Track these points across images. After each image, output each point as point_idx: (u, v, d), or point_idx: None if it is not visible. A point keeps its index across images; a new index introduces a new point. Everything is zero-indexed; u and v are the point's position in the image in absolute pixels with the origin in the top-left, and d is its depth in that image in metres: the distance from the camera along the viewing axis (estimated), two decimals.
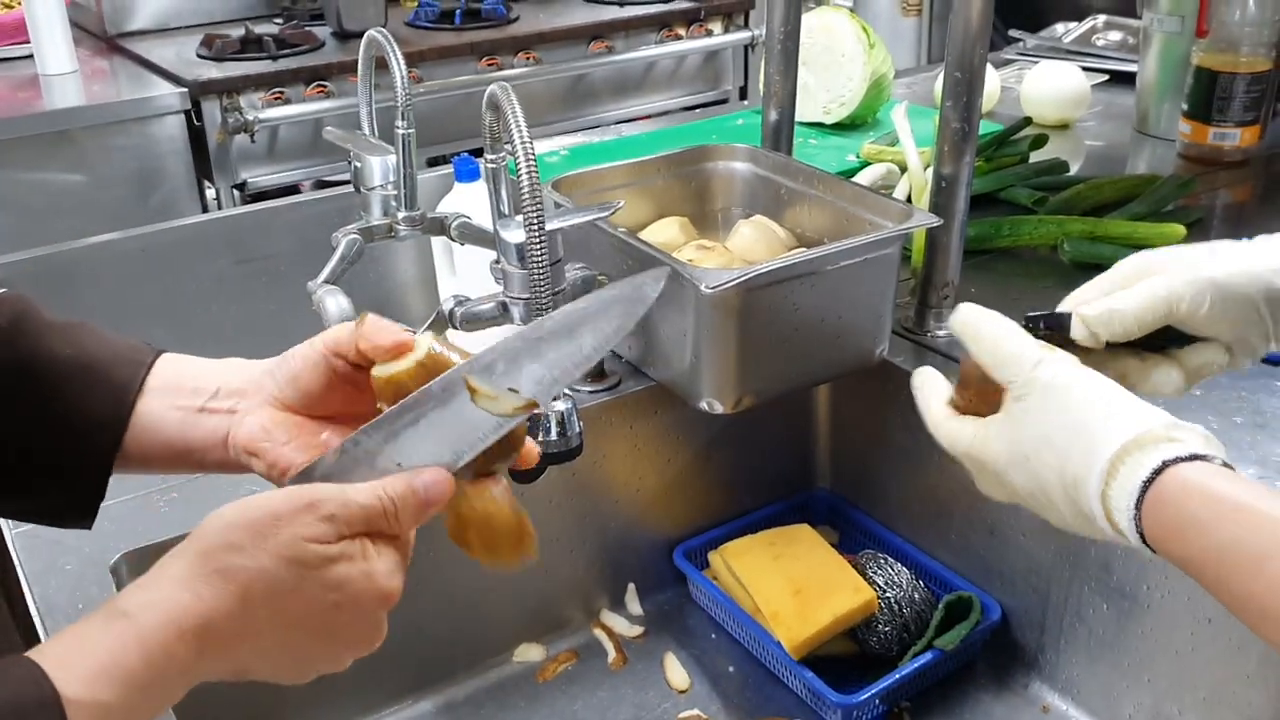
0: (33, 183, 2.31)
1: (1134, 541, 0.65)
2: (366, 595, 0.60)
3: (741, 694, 1.15)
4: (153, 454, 0.71)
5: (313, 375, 0.68)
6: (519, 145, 0.85)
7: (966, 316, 0.76)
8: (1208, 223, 1.58)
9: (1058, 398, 0.70)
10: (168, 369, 0.73)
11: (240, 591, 0.57)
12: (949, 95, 1.16)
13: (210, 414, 0.70)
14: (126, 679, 0.53)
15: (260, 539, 0.58)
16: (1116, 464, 0.65)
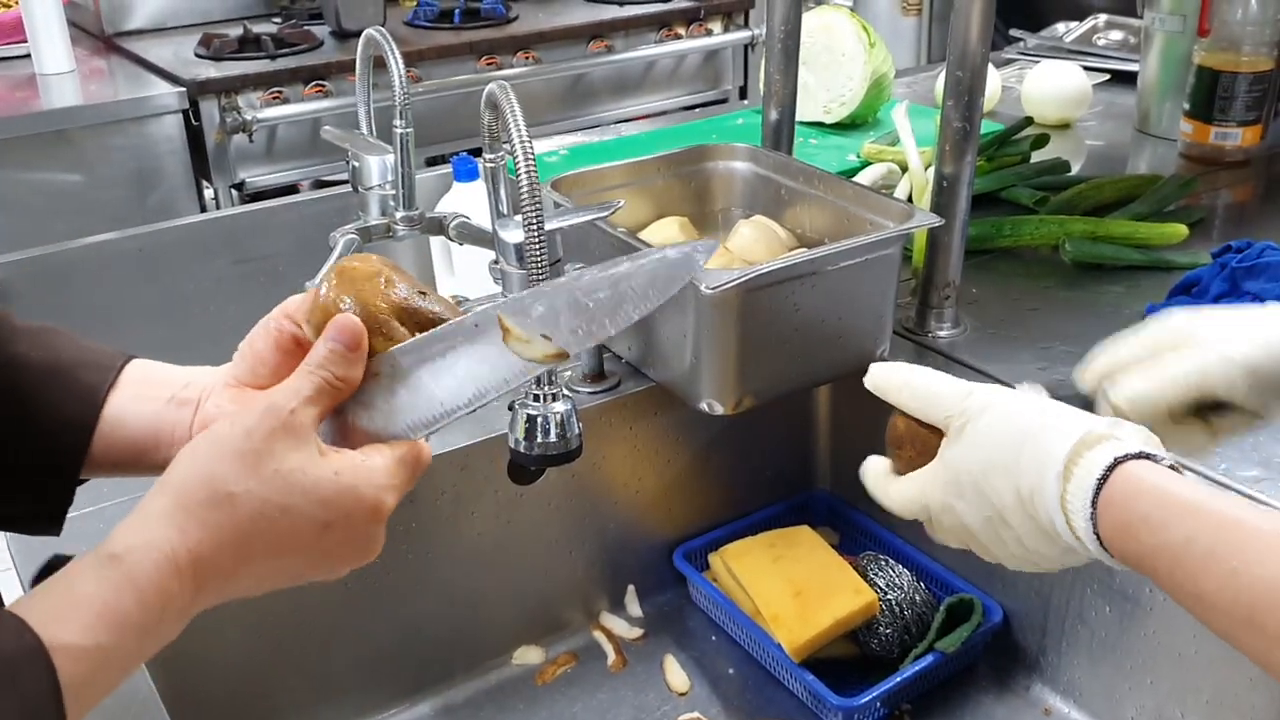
0: (30, 183, 2.30)
1: (1091, 546, 0.66)
2: (357, 511, 0.60)
3: (741, 696, 1.14)
4: (123, 456, 0.70)
5: (264, 342, 0.68)
6: (518, 144, 0.84)
7: (877, 375, 0.79)
8: (1209, 223, 1.57)
9: (995, 419, 0.71)
10: (137, 371, 0.72)
11: (230, 521, 0.56)
12: (950, 94, 1.15)
13: (180, 405, 0.70)
14: (122, 623, 0.53)
15: (242, 464, 0.57)
16: (1071, 464, 0.66)
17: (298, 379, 0.61)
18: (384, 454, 0.62)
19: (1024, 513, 0.68)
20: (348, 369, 0.62)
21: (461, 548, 1.13)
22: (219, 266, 1.67)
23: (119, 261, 1.62)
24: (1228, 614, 0.60)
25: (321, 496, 0.59)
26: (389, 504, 0.61)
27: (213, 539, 0.56)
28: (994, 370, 1.17)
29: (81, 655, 0.51)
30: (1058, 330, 1.25)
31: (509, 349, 0.62)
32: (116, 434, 0.70)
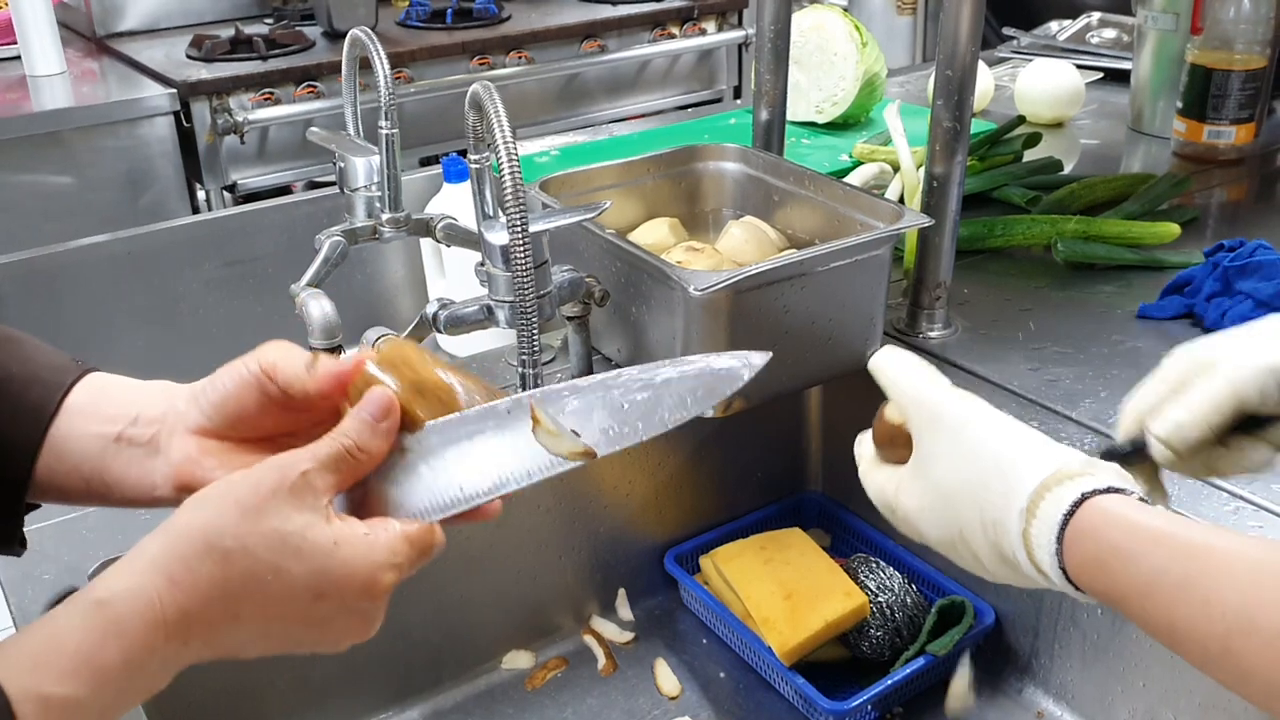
0: (21, 185, 2.30)
1: (1056, 580, 0.65)
2: (350, 585, 0.58)
3: (733, 700, 1.13)
4: (69, 485, 0.67)
5: (244, 397, 0.65)
6: (501, 145, 0.84)
7: (879, 361, 0.77)
8: (1202, 222, 1.57)
9: (967, 442, 0.70)
10: (88, 391, 0.68)
11: (220, 575, 0.55)
12: (940, 94, 1.15)
13: (130, 444, 0.66)
14: (103, 673, 0.52)
15: (243, 517, 0.56)
16: (1036, 501, 0.64)
17: (321, 443, 0.59)
18: (390, 530, 0.59)
19: (986, 540, 0.67)
20: (372, 440, 0.60)
21: (450, 551, 1.11)
22: (209, 268, 1.67)
23: (109, 264, 1.61)
24: (1201, 644, 0.59)
25: (316, 564, 0.57)
26: (385, 582, 0.59)
27: (202, 591, 0.54)
28: (986, 371, 1.16)
29: (55, 705, 0.50)
30: (1050, 331, 1.25)
31: (537, 440, 0.61)
32: (62, 465, 0.67)
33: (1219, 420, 0.73)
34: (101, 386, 0.69)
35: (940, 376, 0.75)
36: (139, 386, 0.70)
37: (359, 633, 0.61)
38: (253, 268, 1.69)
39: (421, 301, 1.75)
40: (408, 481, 0.61)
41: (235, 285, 1.68)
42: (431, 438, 0.62)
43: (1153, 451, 0.74)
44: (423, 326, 1.05)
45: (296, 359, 0.64)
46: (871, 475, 0.78)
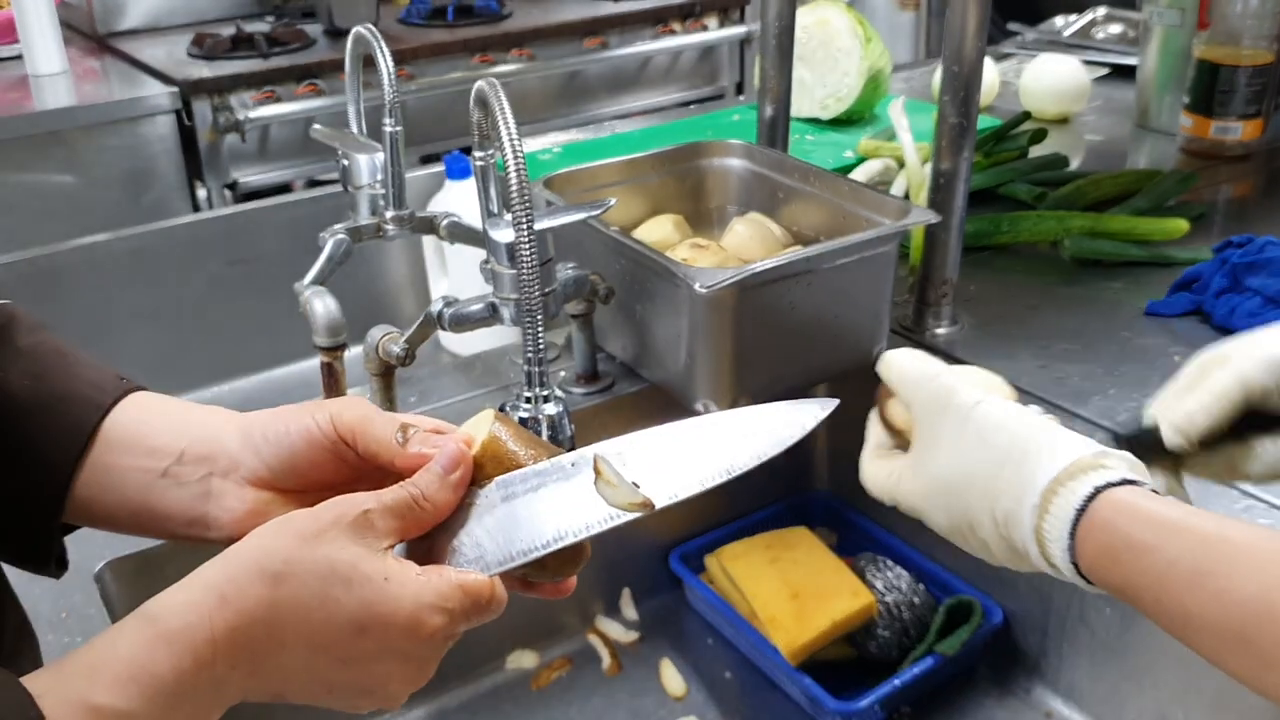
0: (24, 184, 2.29)
1: (1067, 573, 0.64)
2: (395, 621, 0.56)
3: (739, 700, 1.13)
4: (116, 514, 0.65)
5: (315, 458, 0.63)
6: (506, 142, 0.83)
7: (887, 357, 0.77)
8: (1210, 218, 1.56)
9: (976, 431, 0.69)
10: (131, 416, 0.66)
11: (268, 597, 0.54)
12: (947, 90, 1.14)
13: (177, 483, 0.64)
14: (153, 684, 0.51)
15: (298, 543, 0.55)
16: (1049, 497, 0.64)
17: (387, 489, 0.59)
18: (444, 576, 0.58)
19: (996, 532, 0.67)
20: (439, 493, 0.59)
21: None
22: (212, 267, 1.66)
23: (112, 262, 1.60)
24: (1216, 634, 0.59)
25: (363, 596, 0.55)
26: (432, 624, 0.56)
27: (249, 612, 0.54)
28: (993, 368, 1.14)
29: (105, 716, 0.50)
30: (1057, 327, 1.24)
31: (597, 491, 0.60)
32: (107, 496, 0.65)
33: (1227, 408, 0.72)
34: (144, 412, 0.67)
35: (946, 366, 0.74)
36: (183, 414, 0.67)
37: (405, 679, 0.58)
38: (255, 266, 1.68)
39: (423, 299, 1.74)
40: (469, 534, 0.61)
41: (238, 284, 1.67)
42: (496, 492, 0.61)
43: (1165, 439, 0.74)
44: (427, 325, 1.04)
45: (379, 425, 0.62)
46: (870, 467, 0.77)
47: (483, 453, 0.62)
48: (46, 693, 0.49)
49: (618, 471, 0.61)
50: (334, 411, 0.63)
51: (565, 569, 0.62)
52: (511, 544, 0.60)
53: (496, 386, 1.21)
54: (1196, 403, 0.73)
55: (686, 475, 0.61)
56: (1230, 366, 0.73)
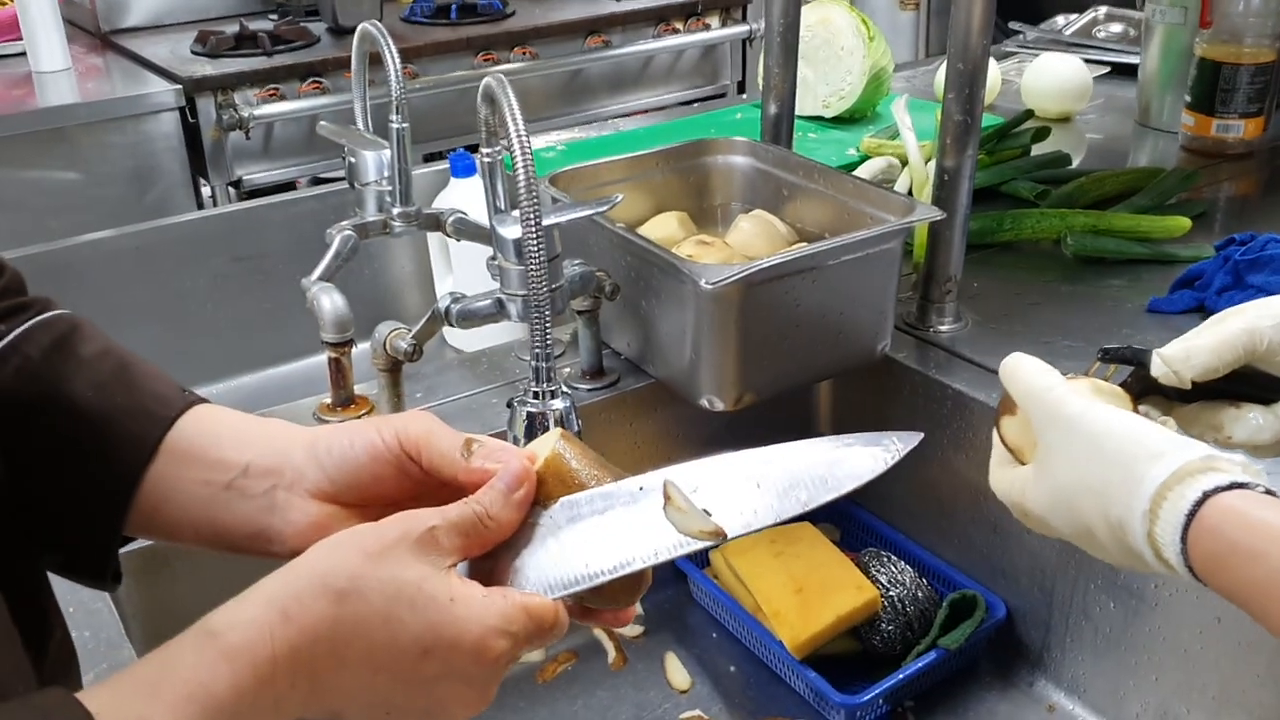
0: (27, 181, 2.29)
1: (1185, 577, 0.64)
2: (461, 644, 0.55)
3: (743, 694, 1.13)
4: (177, 528, 0.65)
5: (380, 472, 0.63)
6: (515, 139, 0.83)
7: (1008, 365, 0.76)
8: (1212, 216, 1.56)
9: (1086, 438, 0.69)
10: (195, 429, 0.65)
11: (331, 615, 0.53)
12: (951, 88, 1.15)
13: (241, 496, 0.64)
14: (212, 704, 0.50)
15: (363, 561, 0.54)
16: (1158, 502, 0.64)
17: (451, 505, 0.58)
18: (509, 598, 0.57)
19: (1114, 537, 0.67)
20: (504, 510, 0.59)
21: None
22: (216, 264, 1.66)
23: (116, 259, 1.61)
24: None
25: (428, 617, 0.55)
26: (497, 649, 0.56)
27: (312, 629, 0.53)
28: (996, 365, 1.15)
29: None
30: (1060, 324, 1.25)
31: (667, 518, 0.59)
32: (169, 509, 0.65)
33: (1228, 354, 0.73)
34: (209, 425, 0.66)
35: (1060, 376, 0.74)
36: (248, 428, 0.67)
37: (466, 701, 0.58)
38: (260, 263, 1.68)
39: (429, 296, 1.75)
40: (532, 555, 0.60)
41: (242, 281, 1.67)
42: (561, 513, 0.60)
43: (1154, 370, 0.75)
44: (434, 320, 1.04)
45: (444, 440, 0.62)
46: (997, 475, 0.77)
47: (545, 469, 0.61)
48: (103, 710, 0.49)
49: (688, 498, 0.59)
50: (399, 426, 0.63)
51: (627, 596, 0.61)
52: (575, 567, 0.59)
53: (503, 382, 1.21)
54: (1200, 342, 0.74)
55: (760, 505, 0.60)
56: (1242, 316, 0.74)
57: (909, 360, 1.19)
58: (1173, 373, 0.74)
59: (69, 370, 0.65)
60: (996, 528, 1.13)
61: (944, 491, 1.18)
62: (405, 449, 0.62)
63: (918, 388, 1.18)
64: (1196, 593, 0.98)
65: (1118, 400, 0.74)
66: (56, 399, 0.64)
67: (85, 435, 0.63)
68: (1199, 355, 0.74)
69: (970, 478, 1.15)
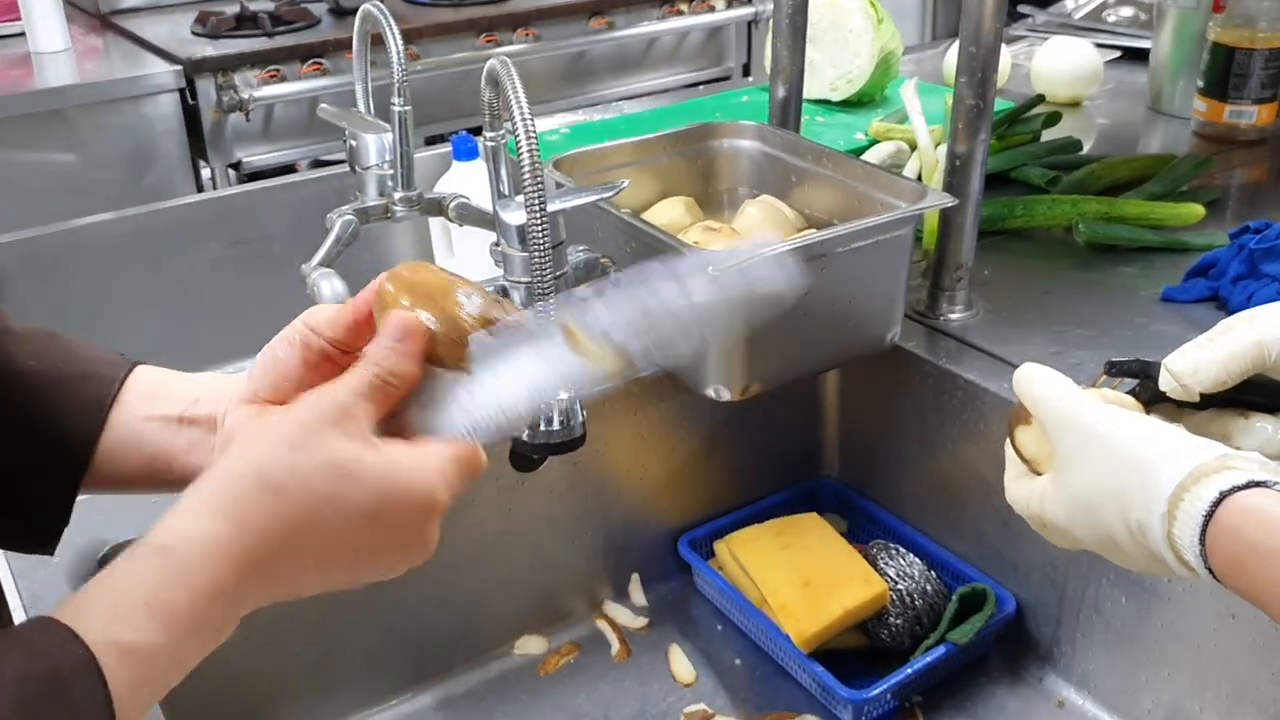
0: (25, 162, 2.27)
1: (1207, 580, 0.63)
2: (407, 505, 0.57)
3: (749, 688, 1.12)
4: (129, 470, 0.67)
5: (291, 358, 0.64)
6: (519, 122, 0.81)
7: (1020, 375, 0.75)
8: (1224, 203, 1.54)
9: (1102, 443, 0.68)
10: (143, 381, 0.69)
11: (277, 510, 0.54)
12: (963, 71, 1.12)
13: (190, 424, 0.66)
14: (173, 618, 0.52)
15: (292, 453, 0.55)
16: (1175, 503, 0.62)
17: (351, 374, 0.59)
18: (439, 449, 0.59)
19: (1135, 542, 0.66)
20: (400, 364, 0.59)
21: (463, 536, 1.11)
22: (215, 247, 1.65)
23: (115, 243, 1.59)
24: None
25: (371, 487, 0.56)
26: (441, 500, 0.58)
27: (260, 528, 0.54)
28: (1008, 354, 1.14)
29: (133, 654, 0.50)
30: (1072, 312, 1.23)
31: (571, 352, 0.59)
32: (122, 452, 0.67)
33: (1237, 366, 0.72)
34: (155, 376, 0.69)
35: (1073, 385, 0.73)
36: (195, 376, 0.70)
37: (418, 554, 0.60)
38: (259, 247, 1.67)
39: None
40: (444, 405, 0.61)
41: (242, 264, 1.66)
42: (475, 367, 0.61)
43: (1161, 383, 0.74)
44: None
45: (339, 309, 0.65)
46: (1014, 488, 0.76)
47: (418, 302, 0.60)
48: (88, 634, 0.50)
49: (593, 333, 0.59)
50: (304, 315, 0.65)
51: None
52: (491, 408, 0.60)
53: None
54: (1208, 355, 0.73)
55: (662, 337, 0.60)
56: (1253, 325, 0.72)
57: (919, 349, 1.17)
58: (1180, 387, 0.73)
59: (6, 344, 0.67)
60: (1007, 521, 1.11)
61: (954, 483, 1.17)
62: (308, 325, 0.64)
63: (928, 377, 1.16)
64: (1210, 588, 0.95)
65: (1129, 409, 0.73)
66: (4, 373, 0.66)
67: (35, 403, 0.66)
68: (1207, 369, 0.73)
69: (981, 469, 1.13)
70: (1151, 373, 0.75)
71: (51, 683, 0.48)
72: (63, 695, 0.48)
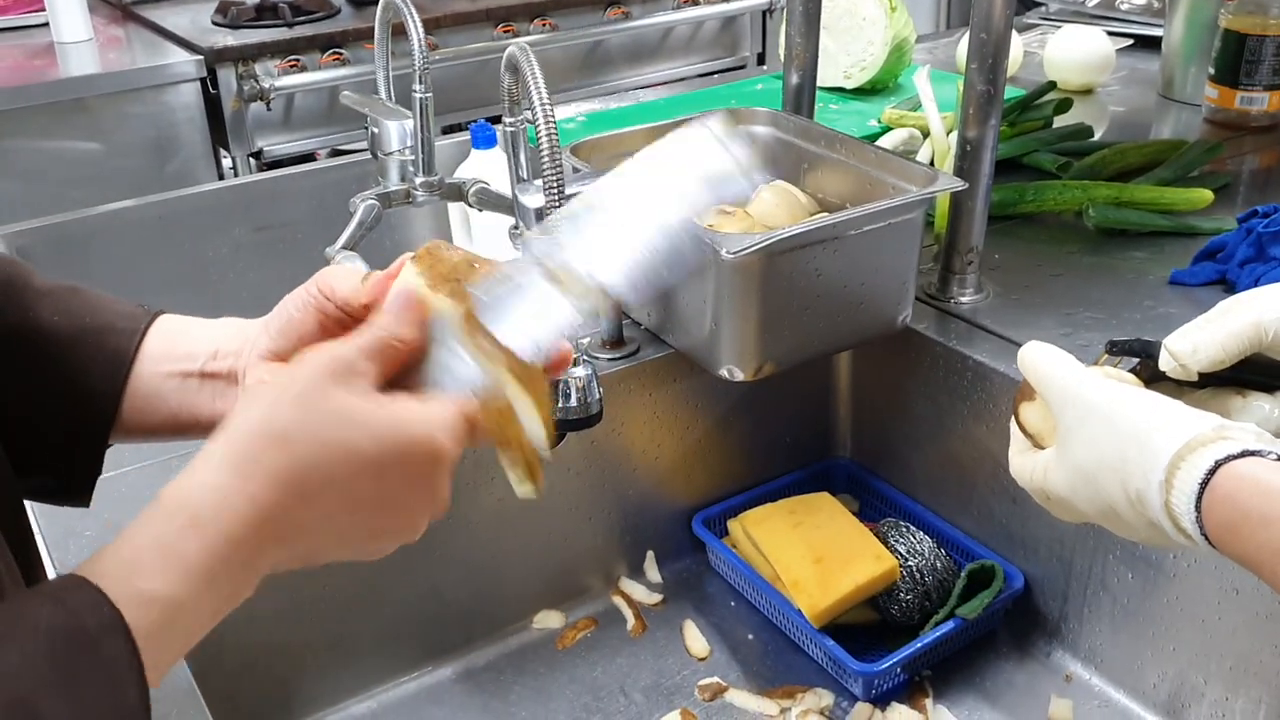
0: (48, 151, 2.30)
1: (1204, 547, 0.64)
2: (415, 452, 0.57)
3: (761, 662, 1.14)
4: (154, 423, 0.69)
5: (307, 320, 0.66)
6: (538, 108, 0.84)
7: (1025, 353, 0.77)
8: (1234, 188, 1.56)
9: (1103, 416, 0.70)
10: (163, 333, 0.70)
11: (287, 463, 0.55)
12: (974, 58, 1.14)
13: (210, 379, 0.68)
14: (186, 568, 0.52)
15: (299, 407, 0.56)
16: (1172, 471, 0.64)
17: (358, 334, 0.60)
18: (443, 401, 0.60)
19: (1135, 512, 0.68)
20: (404, 329, 0.61)
21: (481, 513, 1.14)
22: (239, 234, 1.67)
23: (139, 229, 1.62)
24: None
25: (378, 434, 0.56)
26: (448, 449, 0.58)
27: (272, 481, 0.54)
28: (1018, 336, 1.16)
29: (154, 604, 0.51)
30: (1082, 296, 1.24)
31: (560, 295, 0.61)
32: (148, 406, 0.69)
33: (1235, 346, 0.74)
34: (175, 328, 0.71)
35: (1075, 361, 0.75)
36: (212, 324, 0.71)
37: (430, 507, 0.60)
38: (281, 233, 1.69)
39: None
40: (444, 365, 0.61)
41: (264, 250, 1.68)
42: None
43: (1161, 363, 0.76)
44: None
45: (354, 277, 0.66)
46: (1017, 462, 0.78)
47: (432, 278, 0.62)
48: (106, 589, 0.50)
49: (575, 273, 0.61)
50: (319, 276, 0.66)
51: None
52: None
53: None
54: (1207, 335, 0.74)
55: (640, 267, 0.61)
56: (1251, 305, 0.74)
57: (929, 331, 1.19)
58: (1180, 366, 0.75)
59: (29, 301, 0.69)
60: (1015, 499, 1.13)
61: (964, 462, 1.19)
62: (321, 290, 0.65)
63: (938, 359, 1.18)
64: (1215, 563, 0.98)
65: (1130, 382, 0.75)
66: (23, 329, 0.67)
67: (60, 358, 0.68)
68: (1206, 349, 0.74)
69: (990, 448, 1.15)
70: (1152, 352, 0.77)
71: (81, 638, 0.48)
72: (93, 651, 0.48)
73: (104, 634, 0.49)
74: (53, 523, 0.96)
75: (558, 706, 1.10)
